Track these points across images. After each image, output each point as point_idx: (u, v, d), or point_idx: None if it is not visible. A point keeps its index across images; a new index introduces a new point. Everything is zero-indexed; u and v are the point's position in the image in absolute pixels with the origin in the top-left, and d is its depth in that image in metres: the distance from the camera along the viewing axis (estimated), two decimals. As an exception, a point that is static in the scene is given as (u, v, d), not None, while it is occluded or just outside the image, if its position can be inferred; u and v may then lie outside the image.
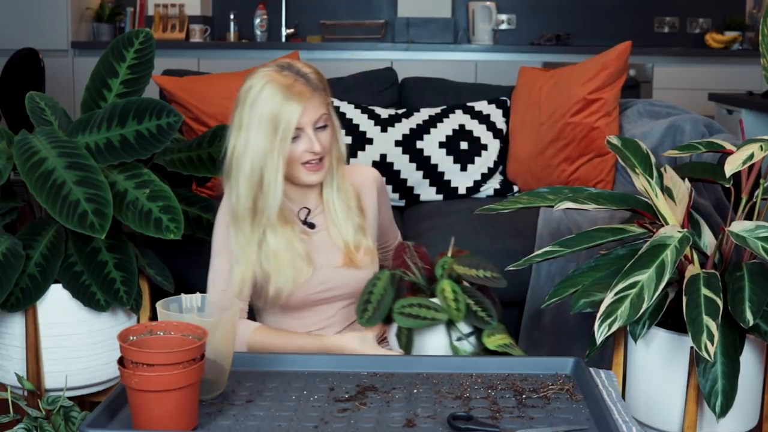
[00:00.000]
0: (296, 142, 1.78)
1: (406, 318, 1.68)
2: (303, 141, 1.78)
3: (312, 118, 1.77)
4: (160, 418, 1.29)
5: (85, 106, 2.22)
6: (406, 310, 1.69)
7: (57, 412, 1.67)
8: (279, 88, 1.74)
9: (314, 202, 1.91)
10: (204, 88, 2.98)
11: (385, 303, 1.72)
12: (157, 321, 1.40)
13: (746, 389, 1.81)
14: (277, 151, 1.76)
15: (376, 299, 1.72)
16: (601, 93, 2.79)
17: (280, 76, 1.76)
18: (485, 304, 1.71)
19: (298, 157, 1.79)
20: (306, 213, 1.90)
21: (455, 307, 1.68)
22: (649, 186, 1.89)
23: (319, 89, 1.79)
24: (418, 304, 1.70)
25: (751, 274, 1.76)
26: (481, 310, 1.70)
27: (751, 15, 5.91)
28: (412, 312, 1.69)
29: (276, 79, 1.76)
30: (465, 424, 1.34)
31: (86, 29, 5.62)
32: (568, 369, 1.58)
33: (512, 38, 5.95)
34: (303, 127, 1.77)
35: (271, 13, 5.88)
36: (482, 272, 1.75)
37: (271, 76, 1.76)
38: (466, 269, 1.75)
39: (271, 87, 1.75)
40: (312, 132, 1.78)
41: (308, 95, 1.75)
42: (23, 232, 2.08)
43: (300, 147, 1.78)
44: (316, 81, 1.79)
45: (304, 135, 1.78)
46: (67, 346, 2.09)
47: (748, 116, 4.16)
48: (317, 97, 1.78)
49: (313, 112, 1.77)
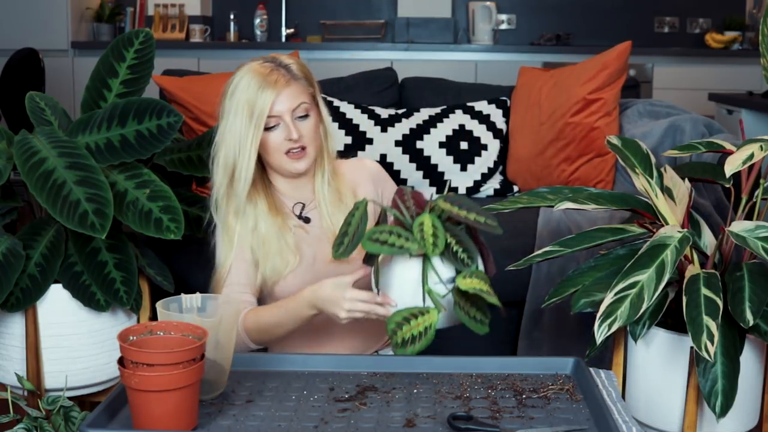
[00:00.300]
0: (275, 131, 1.81)
1: (373, 243, 1.53)
2: (281, 129, 1.81)
3: (289, 106, 1.80)
4: (160, 418, 1.29)
5: (85, 106, 2.22)
6: (375, 235, 1.55)
7: (57, 412, 1.67)
8: (256, 76, 1.79)
9: (308, 196, 1.92)
10: (204, 88, 2.98)
11: (359, 233, 1.59)
12: (157, 321, 1.40)
13: (746, 389, 1.81)
14: (251, 138, 1.78)
15: (352, 231, 1.60)
16: (601, 93, 2.79)
17: (260, 66, 1.81)
18: (467, 245, 1.55)
19: (279, 146, 1.82)
20: (300, 207, 1.91)
21: (432, 242, 1.53)
22: (649, 186, 1.90)
23: (299, 78, 1.82)
24: (389, 230, 1.55)
25: (751, 274, 1.76)
26: (462, 250, 1.55)
27: (751, 15, 5.91)
28: (381, 238, 1.54)
29: (255, 69, 1.80)
30: (465, 424, 1.34)
31: (86, 29, 5.62)
32: (568, 369, 1.58)
33: (512, 38, 5.95)
34: (280, 114, 1.79)
35: (271, 13, 5.89)
36: (473, 215, 1.56)
37: (251, 67, 1.81)
38: (454, 208, 1.57)
39: (249, 76, 1.79)
40: (290, 120, 1.80)
41: (284, 83, 1.79)
42: (23, 232, 2.08)
43: (279, 136, 1.81)
44: (297, 71, 1.82)
45: (282, 123, 1.80)
46: (67, 346, 2.09)
47: (748, 116, 4.16)
48: (296, 86, 1.81)
49: (290, 99, 1.80)
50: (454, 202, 1.58)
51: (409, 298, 1.58)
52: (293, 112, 1.81)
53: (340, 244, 1.60)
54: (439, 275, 1.57)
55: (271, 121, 1.80)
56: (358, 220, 1.60)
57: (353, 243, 1.58)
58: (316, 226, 1.91)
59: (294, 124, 1.81)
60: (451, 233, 1.56)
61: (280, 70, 1.80)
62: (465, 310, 1.56)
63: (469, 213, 1.55)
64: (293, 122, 1.81)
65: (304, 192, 1.92)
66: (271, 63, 1.82)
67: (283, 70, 1.81)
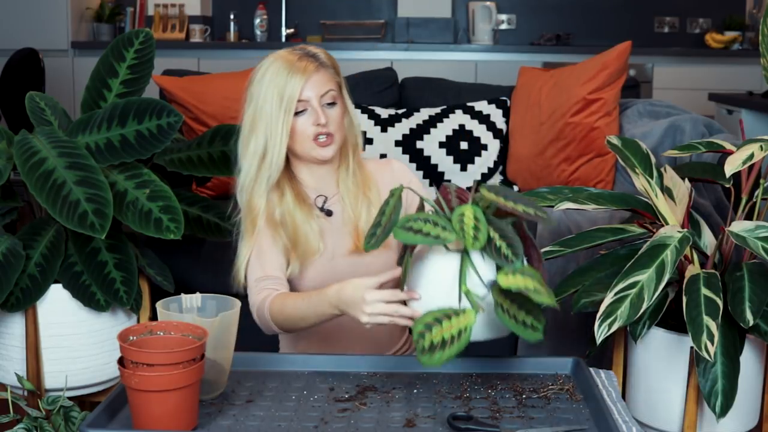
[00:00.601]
0: (303, 116, 1.80)
1: (406, 232, 1.35)
2: (309, 114, 1.80)
3: (318, 92, 1.79)
4: (160, 418, 1.29)
5: (85, 106, 2.22)
6: (409, 223, 1.37)
7: (57, 412, 1.67)
8: (285, 63, 1.79)
9: (331, 190, 1.91)
10: (204, 88, 2.98)
11: (393, 222, 1.40)
12: (157, 321, 1.40)
13: (746, 389, 1.81)
14: (282, 122, 1.78)
15: (386, 220, 1.43)
16: (601, 93, 2.78)
17: (288, 54, 1.82)
18: (512, 240, 1.35)
19: (307, 131, 1.80)
20: (323, 200, 1.90)
21: (472, 234, 1.34)
22: (649, 186, 1.89)
23: (327, 66, 1.82)
24: (424, 218, 1.37)
25: (751, 274, 1.76)
26: (506, 245, 1.34)
27: (751, 15, 5.91)
28: (414, 226, 1.36)
29: (283, 56, 1.81)
30: (465, 424, 1.34)
31: (86, 29, 5.62)
32: (568, 369, 1.58)
33: (512, 38, 5.95)
34: (308, 99, 1.79)
35: (271, 13, 5.89)
36: (521, 206, 1.38)
37: (279, 55, 1.82)
38: (500, 198, 1.40)
39: (278, 63, 1.80)
40: (318, 105, 1.79)
41: (313, 69, 1.79)
42: (23, 232, 2.08)
43: (307, 121, 1.80)
44: (325, 59, 1.83)
45: (311, 108, 1.79)
46: (67, 346, 2.09)
47: (748, 116, 4.16)
48: (324, 73, 1.81)
49: (318, 85, 1.79)
50: (499, 193, 1.42)
51: (442, 300, 1.40)
52: (321, 98, 1.80)
53: (372, 234, 1.44)
54: (479, 274, 1.39)
55: (299, 106, 1.79)
56: (392, 209, 1.45)
57: (385, 232, 1.42)
58: (338, 220, 1.89)
59: (322, 110, 1.80)
60: (495, 227, 1.38)
61: (309, 58, 1.81)
62: (511, 313, 1.35)
63: (517, 204, 1.39)
64: (321, 108, 1.80)
65: (326, 184, 1.91)
66: (299, 51, 1.83)
67: (311, 57, 1.82)
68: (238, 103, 1.85)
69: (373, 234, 1.44)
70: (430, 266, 1.43)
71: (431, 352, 1.32)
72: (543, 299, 1.31)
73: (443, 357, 1.32)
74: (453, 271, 1.39)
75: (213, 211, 2.30)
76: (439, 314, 1.35)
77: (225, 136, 2.31)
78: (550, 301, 1.32)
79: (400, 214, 1.44)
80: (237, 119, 1.86)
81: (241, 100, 1.82)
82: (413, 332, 1.34)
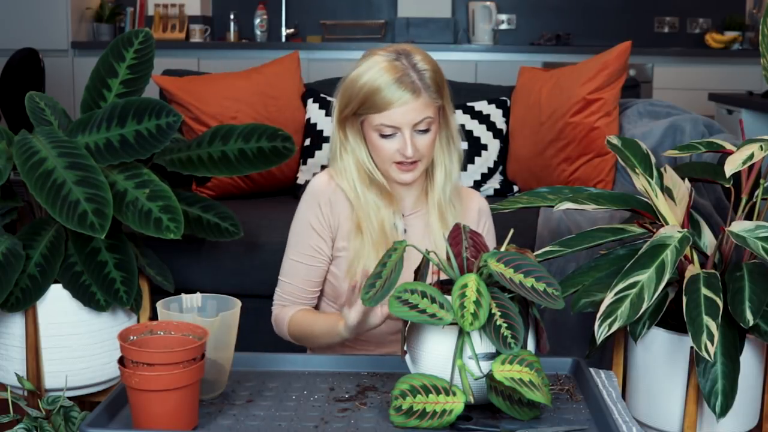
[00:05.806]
0: (390, 140, 1.71)
1: (401, 306, 1.30)
2: (397, 140, 1.71)
3: (411, 120, 1.68)
4: (160, 417, 1.29)
5: (85, 106, 2.22)
6: (404, 295, 1.32)
7: (57, 412, 1.67)
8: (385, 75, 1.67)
9: (410, 206, 1.84)
10: (204, 88, 2.98)
11: (392, 281, 1.36)
12: (157, 321, 1.40)
13: (746, 389, 1.81)
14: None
15: (385, 275, 1.37)
16: (601, 93, 2.78)
17: (391, 64, 1.68)
18: (514, 322, 1.29)
19: (390, 156, 1.72)
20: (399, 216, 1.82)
21: (471, 311, 1.27)
22: (649, 186, 1.89)
23: (429, 89, 1.69)
24: (422, 291, 1.32)
25: (751, 274, 1.76)
26: (505, 327, 1.29)
27: (751, 15, 5.91)
28: (410, 300, 1.31)
29: (385, 67, 1.68)
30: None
31: (86, 29, 5.62)
32: (568, 369, 1.59)
33: (512, 38, 5.95)
34: (400, 127, 1.69)
35: (271, 13, 5.89)
36: (532, 281, 1.30)
37: (379, 63, 1.69)
38: (508, 270, 1.32)
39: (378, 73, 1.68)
40: (409, 134, 1.69)
41: (411, 95, 1.67)
42: (23, 232, 2.08)
43: (393, 146, 1.71)
44: (429, 79, 1.69)
45: (400, 134, 1.70)
46: (67, 346, 2.09)
47: (748, 116, 4.16)
48: (424, 98, 1.68)
49: (413, 114, 1.68)
50: (510, 263, 1.32)
51: (438, 369, 1.36)
52: (414, 126, 1.69)
53: (371, 285, 1.37)
54: (475, 353, 1.32)
55: (388, 130, 1.70)
56: (393, 265, 1.38)
57: (383, 291, 1.35)
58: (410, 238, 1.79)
59: (411, 139, 1.69)
60: (498, 302, 1.31)
61: (412, 75, 1.68)
62: (504, 395, 1.32)
63: (527, 278, 1.30)
64: (411, 136, 1.69)
65: (407, 198, 1.84)
66: (404, 62, 1.69)
67: (415, 75, 1.68)
68: (238, 103, 1.84)
69: (372, 285, 1.37)
70: (428, 339, 1.39)
71: (407, 415, 1.31)
72: (536, 398, 1.28)
73: (418, 426, 1.31)
74: (450, 342, 1.35)
75: (213, 211, 2.30)
76: (428, 381, 1.33)
77: (225, 136, 2.31)
78: (544, 401, 1.29)
79: (401, 272, 1.38)
80: (237, 119, 1.85)
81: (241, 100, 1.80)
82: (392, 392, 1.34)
